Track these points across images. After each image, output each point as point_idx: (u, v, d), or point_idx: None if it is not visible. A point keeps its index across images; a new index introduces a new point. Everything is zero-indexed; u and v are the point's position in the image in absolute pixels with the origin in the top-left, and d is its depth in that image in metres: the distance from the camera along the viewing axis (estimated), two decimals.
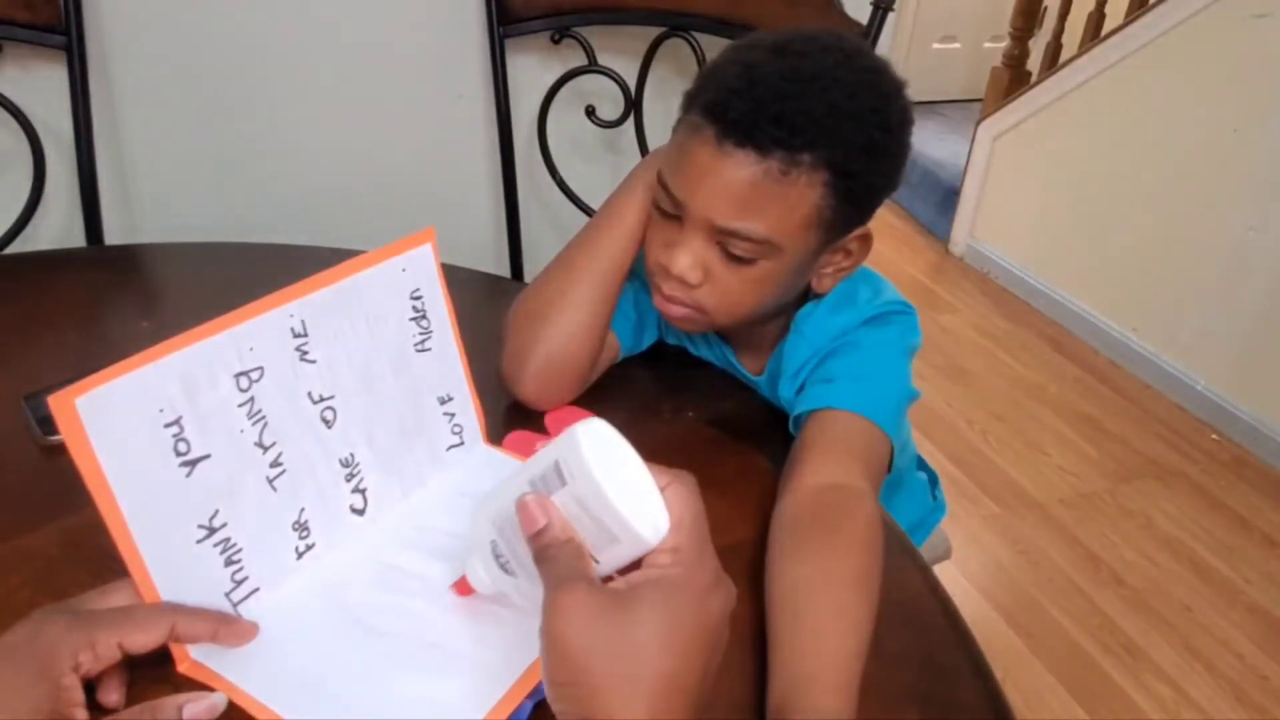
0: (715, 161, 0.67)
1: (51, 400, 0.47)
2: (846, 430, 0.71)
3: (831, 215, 0.69)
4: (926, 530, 1.10)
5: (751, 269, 0.70)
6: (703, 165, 0.68)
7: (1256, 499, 2.03)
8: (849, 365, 0.75)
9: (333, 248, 0.97)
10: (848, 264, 0.76)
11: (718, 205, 0.68)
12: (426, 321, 0.67)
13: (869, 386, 0.73)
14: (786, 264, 0.71)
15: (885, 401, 0.73)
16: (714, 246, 0.70)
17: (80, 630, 0.48)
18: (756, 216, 0.67)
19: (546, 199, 1.30)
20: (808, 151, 0.66)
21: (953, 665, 0.58)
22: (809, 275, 0.75)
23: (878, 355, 0.76)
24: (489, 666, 0.54)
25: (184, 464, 0.52)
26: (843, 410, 0.72)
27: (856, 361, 0.75)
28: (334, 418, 0.61)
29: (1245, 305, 2.20)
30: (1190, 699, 1.56)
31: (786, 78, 0.67)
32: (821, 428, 0.72)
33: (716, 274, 0.71)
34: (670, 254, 0.71)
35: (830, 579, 0.59)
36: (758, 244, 0.68)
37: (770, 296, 0.74)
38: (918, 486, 1.06)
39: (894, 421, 0.73)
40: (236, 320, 0.54)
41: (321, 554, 0.61)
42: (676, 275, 0.71)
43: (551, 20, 1.14)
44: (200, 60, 1.13)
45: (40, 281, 0.94)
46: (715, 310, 0.73)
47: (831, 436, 0.71)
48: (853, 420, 0.71)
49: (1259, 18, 2.10)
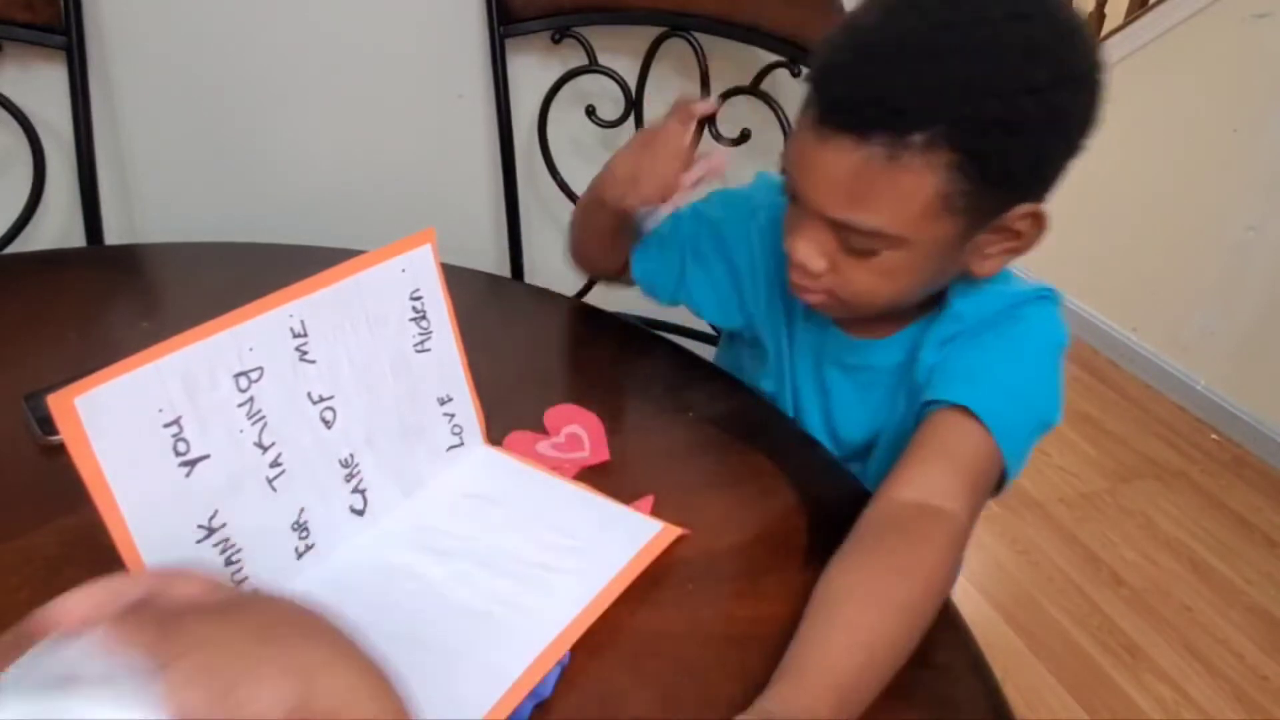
0: (817, 147, 0.61)
1: (51, 400, 0.47)
2: (961, 443, 0.65)
3: (966, 200, 0.59)
4: None
5: (877, 260, 0.63)
6: (806, 151, 0.62)
7: (1256, 499, 2.03)
8: (996, 362, 0.68)
9: (333, 248, 0.97)
10: (1017, 245, 0.65)
11: (823, 195, 0.62)
12: (426, 322, 0.67)
13: (1008, 401, 0.66)
14: (920, 254, 0.63)
15: (1018, 425, 0.66)
16: (834, 236, 0.64)
17: None
18: (866, 207, 0.60)
19: (546, 199, 1.30)
20: (918, 131, 0.57)
21: (952, 665, 0.58)
22: (958, 262, 0.66)
23: (1031, 362, 0.68)
24: (489, 666, 0.54)
25: (183, 464, 0.52)
26: (968, 417, 0.64)
27: (1006, 360, 0.68)
28: (334, 418, 0.61)
29: (1245, 305, 2.20)
30: (1190, 699, 1.56)
31: (894, 44, 0.58)
32: (935, 432, 0.66)
33: (841, 264, 0.65)
34: (792, 241, 0.66)
35: (870, 599, 0.56)
36: (873, 236, 0.61)
37: (908, 288, 0.67)
38: None
39: (1019, 452, 0.66)
40: (236, 320, 0.54)
41: (321, 554, 0.61)
42: (798, 264, 0.66)
43: (551, 20, 1.14)
44: (200, 60, 1.13)
45: (40, 281, 0.94)
46: (847, 300, 0.67)
47: (941, 445, 0.65)
48: (972, 432, 0.64)
49: (1259, 18, 2.10)
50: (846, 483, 0.75)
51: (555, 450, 0.74)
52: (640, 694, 0.55)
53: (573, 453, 0.73)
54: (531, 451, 0.73)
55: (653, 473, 0.73)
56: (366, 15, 1.14)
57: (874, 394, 0.78)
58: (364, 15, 1.14)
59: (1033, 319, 0.70)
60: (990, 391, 0.65)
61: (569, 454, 0.73)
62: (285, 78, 1.16)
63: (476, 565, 0.61)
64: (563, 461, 0.72)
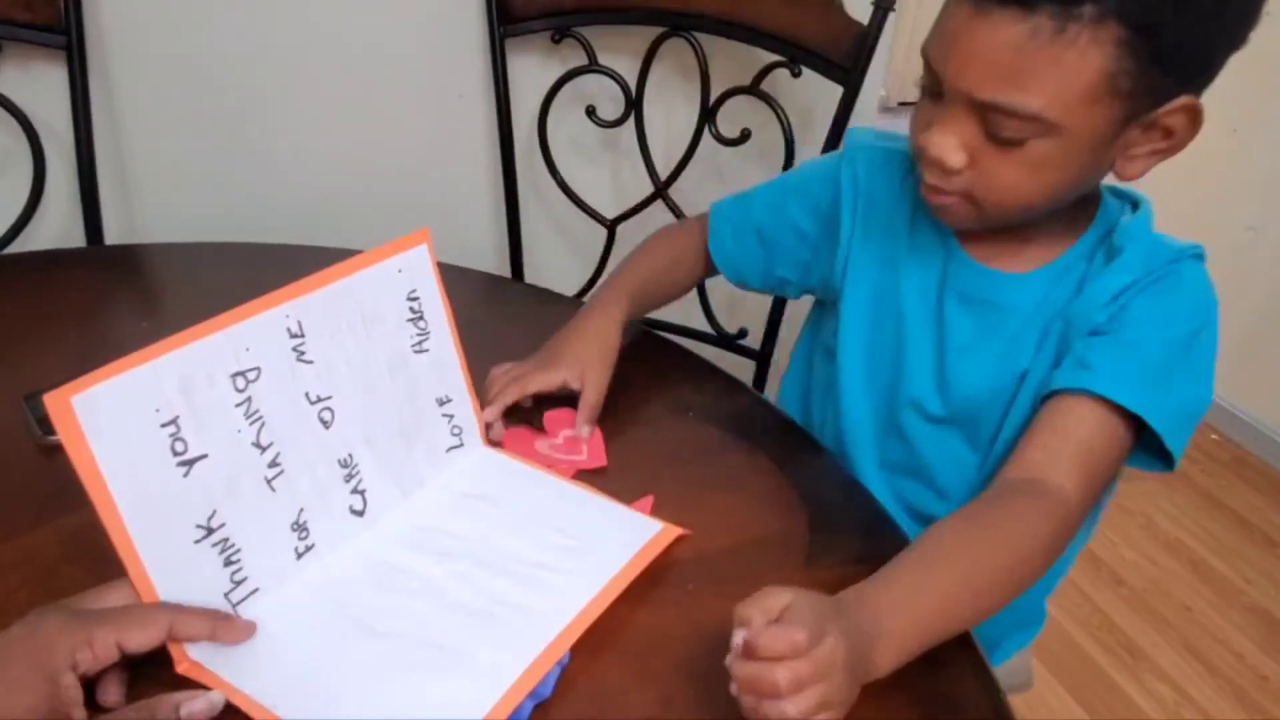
0: (972, 22, 0.57)
1: (47, 399, 0.47)
2: (1090, 436, 0.63)
3: (1131, 83, 0.56)
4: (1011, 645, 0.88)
5: (1024, 152, 0.60)
6: (958, 28, 0.58)
7: (1256, 499, 2.03)
8: (1155, 340, 0.64)
9: (333, 248, 0.97)
10: (1167, 145, 0.62)
11: (976, 75, 0.58)
12: (424, 322, 0.67)
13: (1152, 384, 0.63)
14: (1071, 146, 0.59)
15: (1169, 410, 0.64)
16: (978, 125, 0.60)
17: (79, 629, 0.48)
18: (1023, 88, 0.57)
19: (546, 199, 1.30)
20: (1089, 2, 0.54)
21: (953, 663, 0.58)
22: (1106, 160, 0.62)
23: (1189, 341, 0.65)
24: (489, 666, 0.54)
25: (181, 464, 0.52)
26: (1100, 404, 0.63)
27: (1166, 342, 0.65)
28: (332, 418, 0.61)
29: (1245, 305, 2.20)
30: (1190, 699, 1.56)
31: None
32: (1065, 425, 0.64)
33: (983, 158, 0.61)
34: (929, 136, 0.62)
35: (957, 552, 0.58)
36: (1027, 121, 0.58)
37: (1054, 186, 0.62)
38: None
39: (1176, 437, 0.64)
40: (233, 320, 0.55)
41: (321, 554, 0.61)
42: (934, 159, 0.62)
43: (551, 20, 1.14)
44: (201, 61, 1.12)
45: (40, 281, 0.94)
46: (985, 199, 0.63)
47: (1071, 442, 0.63)
48: (1106, 422, 0.63)
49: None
50: (847, 483, 0.75)
51: (553, 451, 0.74)
52: (640, 694, 0.55)
53: (570, 455, 0.73)
54: (530, 449, 0.73)
55: (653, 473, 0.73)
56: (367, 15, 1.14)
57: (997, 341, 0.72)
58: (364, 15, 1.14)
59: (1188, 282, 0.67)
60: (1144, 381, 0.63)
61: (566, 455, 0.73)
62: (285, 78, 1.16)
63: (476, 565, 0.61)
64: (559, 462, 0.72)
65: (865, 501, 0.73)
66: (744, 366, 1.23)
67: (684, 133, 1.19)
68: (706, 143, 1.18)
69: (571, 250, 1.36)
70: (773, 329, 1.21)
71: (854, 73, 1.06)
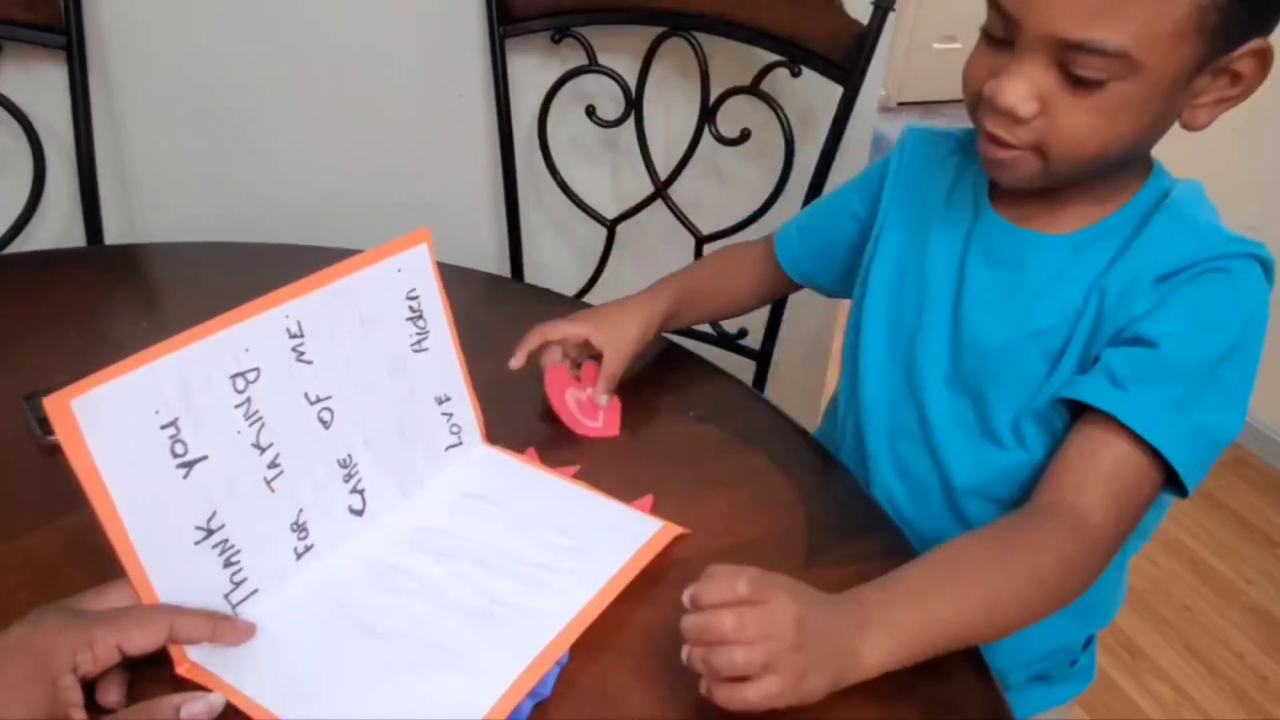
0: None
1: (47, 402, 0.47)
2: (1117, 464, 0.60)
3: (1218, 18, 0.54)
4: (1045, 700, 0.82)
5: (1101, 95, 0.57)
6: None
7: (1256, 499, 2.03)
8: (1182, 358, 0.61)
9: (333, 248, 0.97)
10: (1235, 92, 0.59)
11: (1063, 10, 0.55)
12: (423, 321, 0.67)
13: (1180, 413, 0.60)
14: (1151, 88, 0.57)
15: (1192, 445, 0.61)
16: (1054, 70, 0.57)
17: (79, 631, 0.48)
18: (1114, 22, 0.54)
19: (546, 199, 1.30)
20: None
21: (953, 665, 0.58)
22: (1177, 107, 0.60)
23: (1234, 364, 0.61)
24: (489, 666, 0.54)
25: (181, 465, 0.52)
26: (1129, 431, 0.60)
27: (1197, 356, 0.61)
28: (331, 418, 0.61)
29: None
30: (1190, 699, 1.56)
31: None
32: (1093, 450, 0.61)
33: (1056, 104, 0.58)
34: (998, 83, 0.59)
35: (973, 568, 0.58)
36: (1112, 58, 0.55)
37: (1129, 133, 0.59)
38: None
39: (1196, 471, 0.61)
40: (232, 321, 0.54)
41: (321, 554, 0.61)
42: (1005, 109, 0.59)
43: (551, 20, 1.14)
44: (201, 61, 1.12)
45: (40, 281, 0.94)
46: (1055, 149, 0.60)
47: (1098, 467, 0.61)
48: (1130, 452, 0.60)
49: None
50: (847, 482, 0.75)
51: (577, 408, 0.76)
52: (640, 694, 0.55)
53: (587, 418, 0.76)
54: (561, 395, 0.76)
55: (653, 472, 0.72)
56: (366, 15, 1.14)
57: (1017, 300, 0.68)
58: (364, 15, 1.14)
59: (1239, 286, 0.62)
60: (1173, 409, 0.60)
61: (584, 417, 0.76)
62: (285, 78, 1.16)
63: (476, 565, 0.61)
64: (578, 423, 0.76)
65: (865, 501, 0.73)
66: (744, 366, 1.23)
67: (684, 132, 1.19)
68: (706, 142, 1.18)
69: (571, 250, 1.36)
70: (773, 329, 1.21)
71: (854, 73, 1.06)
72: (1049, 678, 0.81)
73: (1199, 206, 0.65)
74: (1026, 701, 0.81)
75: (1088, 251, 0.66)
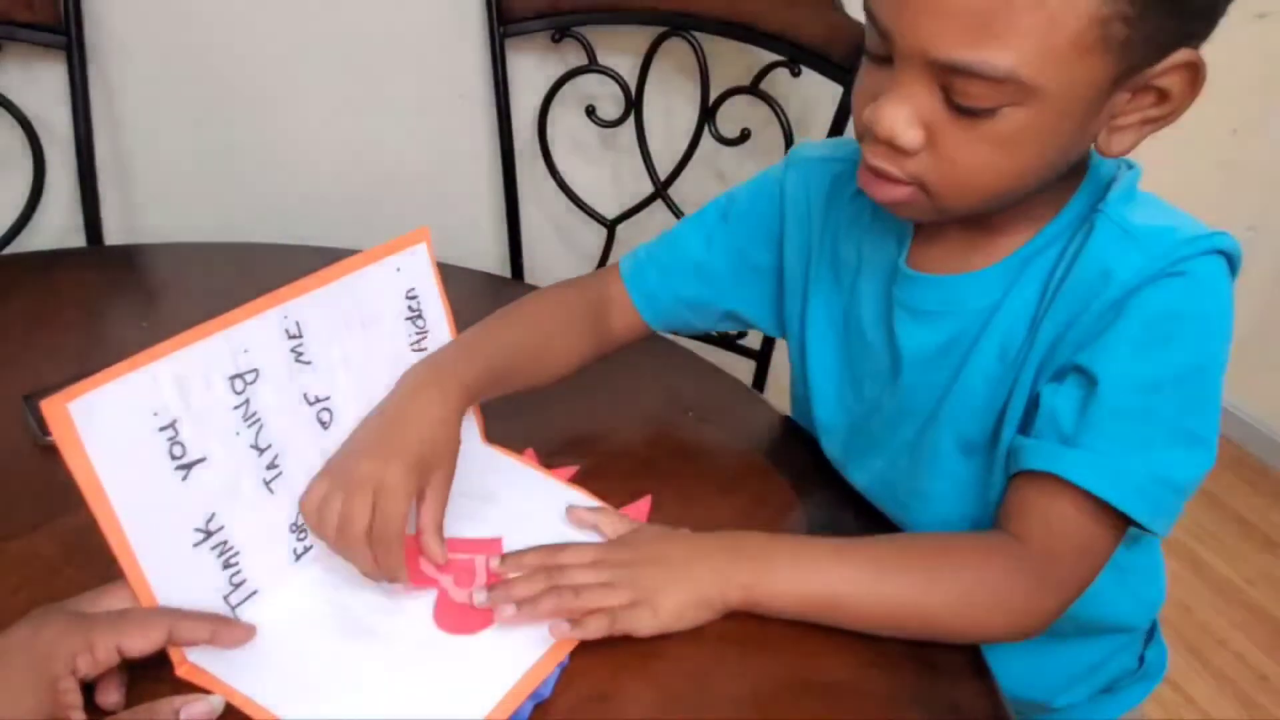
0: None
1: (44, 405, 0.46)
2: (1069, 534, 0.56)
3: (1127, 31, 0.46)
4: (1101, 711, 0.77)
5: (993, 124, 0.49)
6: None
7: (1256, 499, 2.03)
8: (1134, 393, 0.54)
9: (333, 248, 0.97)
10: (1162, 112, 0.51)
11: (939, 30, 0.47)
12: (422, 321, 0.67)
13: (1138, 455, 0.54)
14: (1050, 113, 0.48)
15: (1157, 496, 0.55)
16: (936, 94, 0.49)
17: (79, 633, 0.48)
18: (996, 40, 0.46)
19: (546, 199, 1.30)
20: None
21: (953, 666, 0.58)
22: (1093, 129, 0.52)
23: (1197, 387, 0.55)
24: (489, 667, 0.54)
25: (180, 467, 0.52)
26: (1080, 496, 0.54)
27: (1137, 403, 0.54)
28: (331, 419, 0.61)
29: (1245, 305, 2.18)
30: (1190, 699, 1.56)
31: None
32: (1045, 507, 0.56)
33: (942, 134, 0.50)
34: (877, 108, 0.51)
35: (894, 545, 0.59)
36: (999, 83, 0.47)
37: (1029, 166, 0.51)
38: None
39: (1164, 518, 0.56)
40: (230, 322, 0.54)
41: (320, 556, 0.61)
42: (884, 137, 0.51)
43: (551, 20, 1.14)
44: (200, 61, 1.12)
45: (40, 281, 0.94)
46: (942, 186, 0.52)
47: (1054, 526, 0.56)
48: (1084, 515, 0.55)
49: (1259, 18, 2.10)
50: (846, 484, 0.75)
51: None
52: (640, 694, 0.54)
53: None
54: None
55: (652, 473, 0.72)
56: (366, 15, 1.14)
57: (954, 355, 0.61)
58: (364, 15, 1.14)
59: (1200, 291, 0.54)
60: (1129, 451, 0.54)
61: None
62: (285, 78, 1.16)
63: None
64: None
65: (863, 501, 0.73)
66: (744, 366, 1.22)
67: (684, 132, 1.19)
68: (706, 142, 1.18)
69: (571, 250, 1.36)
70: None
71: (854, 73, 1.05)
72: (1112, 689, 0.77)
73: (1137, 206, 0.57)
74: (1099, 715, 0.77)
75: (1023, 275, 0.59)
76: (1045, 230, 0.58)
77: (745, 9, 1.09)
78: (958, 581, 0.57)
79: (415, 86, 1.20)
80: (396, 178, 1.25)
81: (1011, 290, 0.59)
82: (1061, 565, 0.57)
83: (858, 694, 0.54)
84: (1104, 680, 0.77)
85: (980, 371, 0.61)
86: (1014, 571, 0.57)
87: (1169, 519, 0.56)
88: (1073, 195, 0.58)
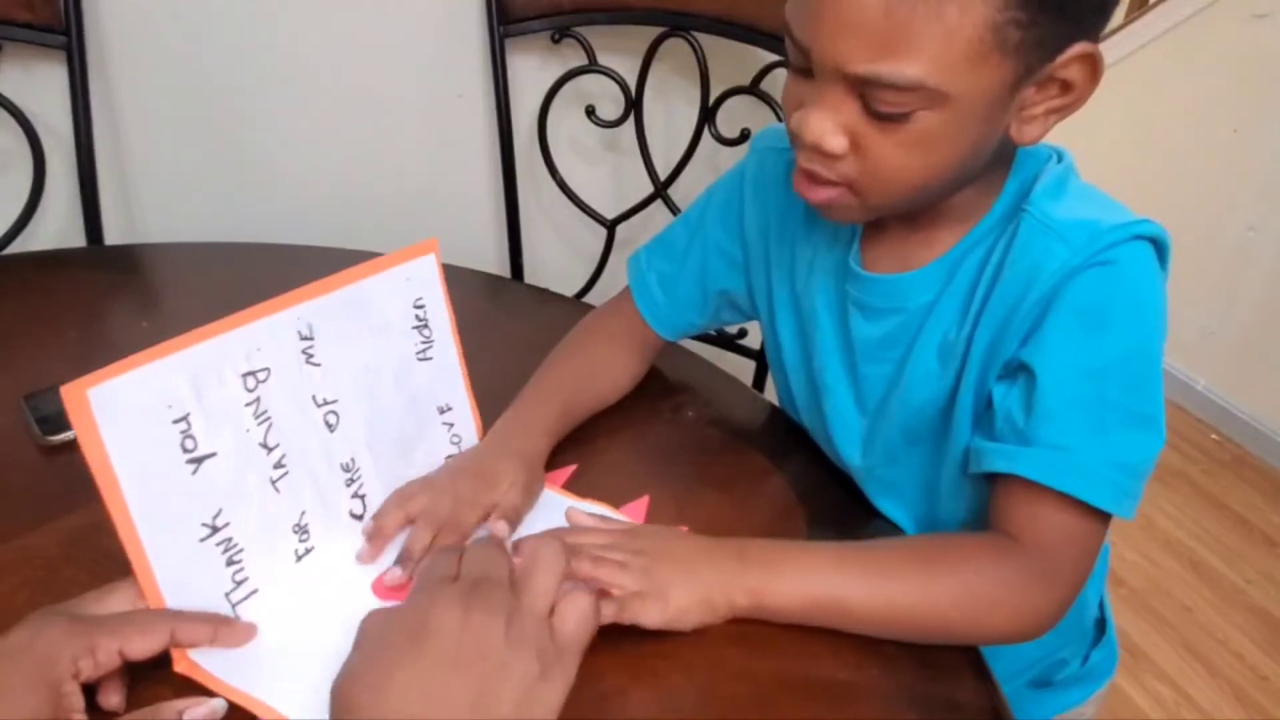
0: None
1: (64, 390, 0.47)
2: (1052, 530, 0.58)
3: (1021, 34, 0.49)
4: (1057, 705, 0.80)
5: (909, 128, 0.52)
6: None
7: (1256, 499, 2.03)
8: (1077, 382, 0.56)
9: (333, 248, 0.97)
10: (1066, 101, 0.54)
11: (846, 46, 0.50)
12: (428, 331, 0.67)
13: (1095, 440, 0.56)
14: (960, 114, 0.52)
15: (1117, 482, 0.57)
16: (856, 102, 0.53)
17: (80, 636, 0.48)
18: (902, 53, 0.49)
19: (546, 199, 1.30)
20: None
21: (953, 665, 0.58)
22: (1004, 123, 0.55)
23: (1135, 369, 0.57)
24: None
25: (190, 461, 0.53)
26: (1052, 493, 0.56)
27: (1084, 391, 0.56)
28: (337, 422, 0.61)
29: (1245, 305, 2.20)
30: (1190, 699, 1.56)
31: None
32: (1016, 510, 0.59)
33: (865, 138, 0.54)
34: (803, 116, 0.54)
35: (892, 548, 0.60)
36: (909, 91, 0.50)
37: (946, 163, 0.55)
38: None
39: (1128, 502, 0.57)
40: (245, 320, 0.55)
41: (320, 557, 0.61)
42: (811, 144, 0.55)
43: (551, 20, 1.14)
44: (201, 61, 1.12)
45: (40, 281, 0.94)
46: (868, 186, 0.56)
47: (1035, 530, 0.58)
48: (1062, 512, 0.57)
49: (1259, 18, 2.10)
50: (845, 483, 0.75)
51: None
52: (641, 694, 0.55)
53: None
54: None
55: (651, 472, 0.73)
56: (366, 15, 1.14)
57: (898, 349, 0.65)
58: (364, 15, 1.14)
59: (1125, 278, 0.57)
60: (1068, 456, 0.56)
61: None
62: (285, 78, 1.16)
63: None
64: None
65: (863, 502, 0.73)
66: (744, 366, 1.23)
67: (684, 132, 1.19)
68: (706, 142, 1.18)
69: (571, 250, 1.36)
70: None
71: None
72: (1050, 683, 0.79)
73: (1062, 199, 0.59)
74: (1031, 708, 0.79)
75: (956, 274, 0.62)
76: (975, 229, 0.62)
77: (745, 9, 1.09)
78: (958, 582, 0.58)
79: (415, 87, 1.20)
80: (396, 178, 1.25)
81: (946, 289, 0.62)
82: (1055, 560, 0.58)
83: (858, 694, 0.54)
84: (1038, 672, 0.78)
85: (921, 367, 0.64)
86: (1011, 570, 0.58)
87: (1132, 502, 0.58)
88: (1000, 193, 0.61)
